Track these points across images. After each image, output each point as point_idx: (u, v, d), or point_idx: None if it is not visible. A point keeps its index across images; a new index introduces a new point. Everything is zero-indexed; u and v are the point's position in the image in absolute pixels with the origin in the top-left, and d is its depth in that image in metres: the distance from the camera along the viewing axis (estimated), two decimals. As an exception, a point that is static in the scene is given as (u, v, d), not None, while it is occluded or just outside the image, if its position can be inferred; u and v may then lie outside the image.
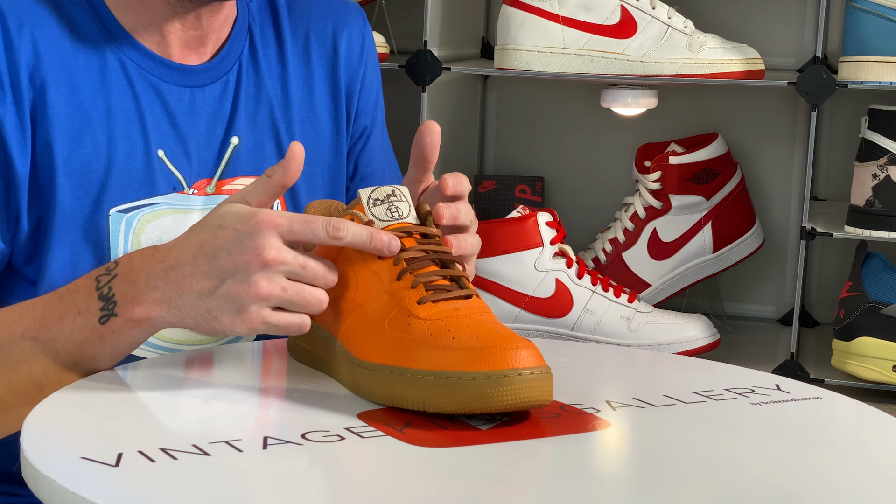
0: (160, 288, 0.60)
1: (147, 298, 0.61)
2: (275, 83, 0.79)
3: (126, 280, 0.62)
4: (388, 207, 0.62)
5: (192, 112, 0.75)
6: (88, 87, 0.72)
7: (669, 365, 0.74)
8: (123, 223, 0.73)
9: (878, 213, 1.08)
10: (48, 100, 0.70)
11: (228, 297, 0.59)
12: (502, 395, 0.54)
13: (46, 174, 0.71)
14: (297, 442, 0.54)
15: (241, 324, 0.59)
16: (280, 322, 0.59)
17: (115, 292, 0.61)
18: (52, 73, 0.71)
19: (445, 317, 0.57)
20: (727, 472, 0.53)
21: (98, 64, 0.72)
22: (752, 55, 1.12)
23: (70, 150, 0.71)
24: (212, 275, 0.59)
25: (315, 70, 0.80)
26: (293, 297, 0.59)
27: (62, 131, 0.71)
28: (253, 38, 0.79)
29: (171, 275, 0.60)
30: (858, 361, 1.09)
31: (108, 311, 0.62)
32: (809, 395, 0.64)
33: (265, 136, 0.78)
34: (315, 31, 0.81)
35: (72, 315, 0.63)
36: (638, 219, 1.22)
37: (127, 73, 0.73)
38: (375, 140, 0.85)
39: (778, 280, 1.30)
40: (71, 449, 0.52)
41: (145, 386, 0.63)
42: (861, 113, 1.13)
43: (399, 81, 1.17)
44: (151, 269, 0.61)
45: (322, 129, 0.81)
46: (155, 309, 0.61)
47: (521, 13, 1.13)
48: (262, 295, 0.58)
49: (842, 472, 0.54)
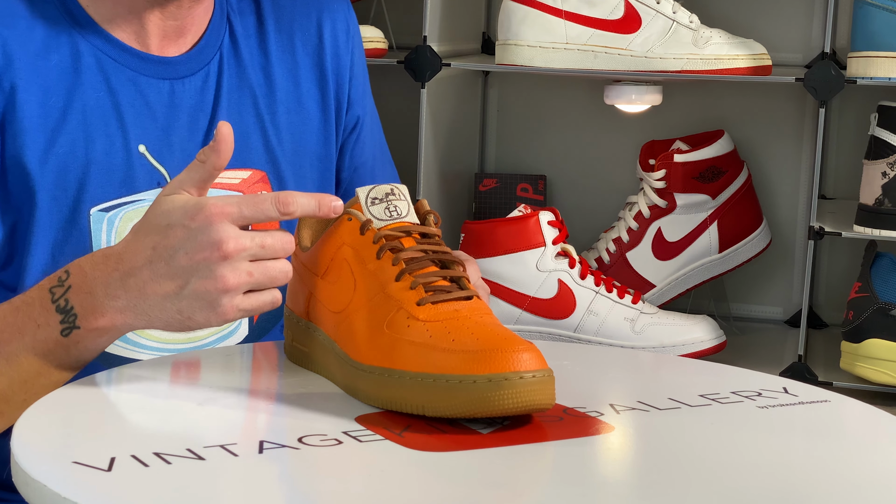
0: (121, 297, 0.60)
1: (109, 308, 0.61)
2: (258, 73, 0.78)
3: (82, 291, 0.61)
4: (387, 206, 0.61)
5: (173, 105, 0.74)
6: (62, 86, 0.71)
7: (674, 367, 0.74)
8: (105, 222, 0.72)
9: (887, 212, 1.07)
10: (18, 102, 0.69)
11: (197, 295, 0.59)
12: (503, 399, 0.54)
13: (20, 178, 0.70)
14: (294, 446, 0.53)
15: (216, 318, 0.59)
16: (254, 305, 0.60)
17: (72, 304, 0.61)
18: (22, 75, 0.70)
19: (445, 318, 0.57)
20: (733, 477, 0.52)
21: (71, 61, 0.71)
22: (758, 51, 1.11)
23: (45, 151, 0.70)
24: (173, 276, 0.59)
25: (300, 59, 0.80)
26: (261, 279, 0.59)
27: (35, 133, 0.70)
28: (233, 27, 0.78)
29: (129, 282, 0.60)
30: (868, 364, 1.08)
31: (69, 325, 0.62)
32: (818, 398, 0.63)
33: (250, 127, 0.77)
34: (299, 20, 0.80)
35: (31, 329, 0.62)
36: (642, 218, 1.21)
37: (102, 68, 0.72)
38: (367, 130, 0.84)
39: (785, 281, 1.29)
40: (62, 453, 0.51)
41: (139, 389, 0.62)
42: (870, 110, 1.12)
43: (398, 77, 1.16)
44: (107, 279, 0.61)
45: (309, 119, 0.80)
46: (119, 317, 0.61)
47: (522, 8, 1.12)
48: (230, 287, 0.59)
49: (851, 477, 0.53)
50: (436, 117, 1.20)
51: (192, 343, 0.75)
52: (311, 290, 0.63)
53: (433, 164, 1.21)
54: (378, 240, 0.60)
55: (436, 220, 0.62)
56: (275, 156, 0.78)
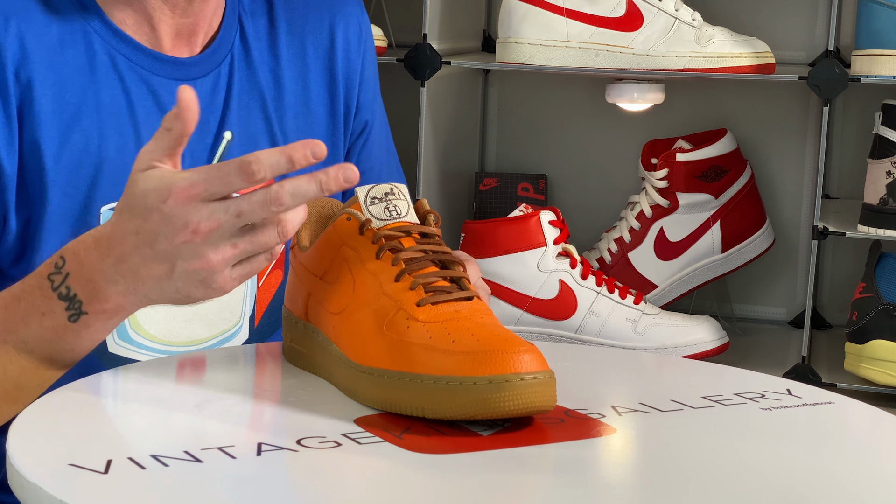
0: (119, 282, 0.60)
1: (112, 293, 0.61)
2: (267, 76, 0.78)
3: (82, 279, 0.61)
4: (387, 206, 0.60)
5: None
6: (77, 82, 0.71)
7: (677, 368, 0.74)
8: None
9: (892, 211, 1.06)
10: (35, 96, 0.69)
11: (188, 275, 0.58)
12: (504, 401, 0.53)
13: (35, 173, 0.70)
14: (293, 448, 0.53)
15: (214, 293, 0.59)
16: (250, 271, 0.59)
17: (75, 291, 0.61)
18: (38, 69, 0.70)
19: (445, 319, 0.56)
20: (736, 479, 0.52)
21: (86, 58, 0.71)
22: (762, 49, 1.10)
23: (59, 146, 0.70)
24: (160, 259, 0.59)
25: (311, 63, 0.80)
26: (248, 247, 0.58)
27: (50, 128, 0.70)
28: (244, 29, 0.78)
29: (122, 267, 0.60)
30: (872, 365, 1.07)
31: (75, 311, 0.61)
32: (821, 399, 0.63)
33: (258, 131, 0.77)
34: (311, 23, 0.80)
35: (36, 317, 0.62)
36: (644, 218, 1.20)
37: (116, 66, 0.72)
38: (376, 134, 0.84)
39: (789, 281, 1.29)
40: (58, 455, 0.51)
41: (136, 390, 0.62)
42: (875, 108, 1.12)
43: (397, 76, 1.16)
44: (102, 265, 0.60)
45: (317, 123, 0.80)
46: (123, 300, 0.61)
47: (523, 5, 1.11)
48: (216, 265, 0.58)
49: (855, 479, 0.53)
50: (436, 116, 1.20)
51: (193, 345, 0.75)
52: (309, 291, 0.63)
53: (433, 163, 1.20)
54: (377, 240, 0.59)
55: (436, 219, 0.61)
56: None
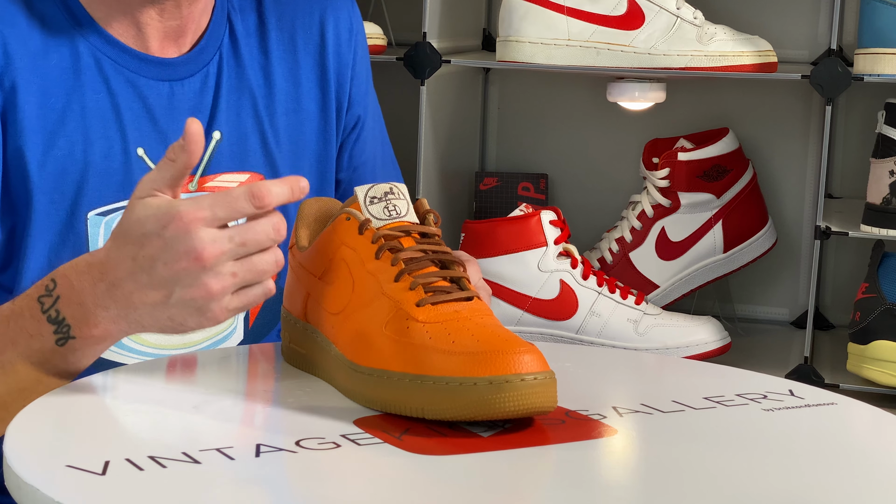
0: (111, 307, 0.60)
1: (101, 318, 0.60)
2: (257, 73, 0.77)
3: (72, 303, 0.61)
4: (386, 206, 0.60)
5: (172, 107, 0.74)
6: (61, 86, 0.70)
7: (678, 369, 0.73)
8: (103, 226, 0.71)
9: (895, 211, 1.06)
10: (18, 102, 0.69)
11: (184, 303, 0.58)
12: (504, 402, 0.53)
13: (19, 180, 0.69)
14: (291, 449, 0.52)
15: (207, 322, 0.59)
16: (246, 303, 0.59)
17: (64, 315, 0.61)
18: (22, 74, 0.69)
19: (445, 320, 0.56)
20: (738, 481, 0.52)
21: (71, 61, 0.71)
22: (764, 47, 1.10)
23: (44, 152, 0.70)
24: (157, 286, 0.58)
25: (301, 58, 0.79)
26: (247, 277, 0.58)
27: (34, 134, 0.69)
28: (233, 27, 0.77)
29: (116, 293, 0.59)
30: (875, 366, 1.07)
31: (63, 335, 0.61)
32: (824, 400, 0.63)
33: (248, 130, 0.77)
34: (301, 18, 0.79)
35: (24, 339, 0.62)
36: (645, 217, 1.20)
37: (102, 69, 0.71)
38: (369, 129, 0.84)
39: (791, 281, 1.28)
40: (56, 457, 0.51)
41: (133, 391, 0.62)
42: (877, 107, 1.11)
43: (397, 74, 1.16)
44: (94, 289, 0.60)
45: (308, 120, 0.79)
46: (113, 326, 0.61)
47: (524, 3, 1.11)
48: (215, 293, 0.58)
49: (858, 481, 0.53)
50: (435, 115, 1.19)
51: (187, 348, 0.74)
52: (308, 291, 0.63)
53: (433, 162, 1.20)
54: (377, 239, 0.59)
55: (435, 219, 0.61)
56: (273, 158, 0.77)
